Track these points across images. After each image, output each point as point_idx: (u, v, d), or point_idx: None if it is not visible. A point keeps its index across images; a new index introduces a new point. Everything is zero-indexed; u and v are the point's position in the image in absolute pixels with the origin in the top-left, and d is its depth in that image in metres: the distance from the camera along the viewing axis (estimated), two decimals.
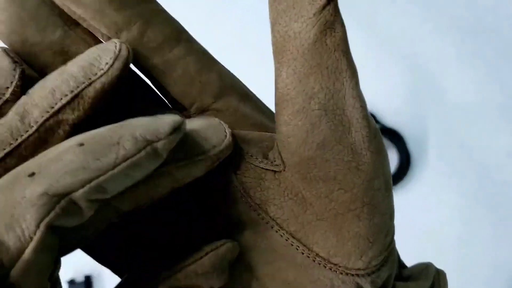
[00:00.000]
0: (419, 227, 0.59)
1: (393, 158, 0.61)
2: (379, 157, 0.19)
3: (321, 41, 0.18)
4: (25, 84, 0.19)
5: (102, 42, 0.21)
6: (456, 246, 0.60)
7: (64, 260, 0.18)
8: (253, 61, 0.62)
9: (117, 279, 0.21)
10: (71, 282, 0.58)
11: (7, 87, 0.18)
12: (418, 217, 0.59)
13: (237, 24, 0.62)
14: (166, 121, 0.16)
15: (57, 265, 0.17)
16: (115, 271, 0.21)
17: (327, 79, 0.18)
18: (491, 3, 0.62)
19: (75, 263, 0.59)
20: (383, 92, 0.61)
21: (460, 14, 0.62)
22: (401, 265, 0.23)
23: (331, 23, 0.18)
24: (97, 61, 0.18)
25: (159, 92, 0.22)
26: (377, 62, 0.61)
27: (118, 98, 0.20)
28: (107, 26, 0.20)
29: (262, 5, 0.71)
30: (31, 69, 0.21)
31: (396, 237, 0.23)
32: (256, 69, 0.63)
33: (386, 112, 0.61)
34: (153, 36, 0.20)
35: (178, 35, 0.21)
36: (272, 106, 0.23)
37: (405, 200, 0.60)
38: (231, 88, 0.21)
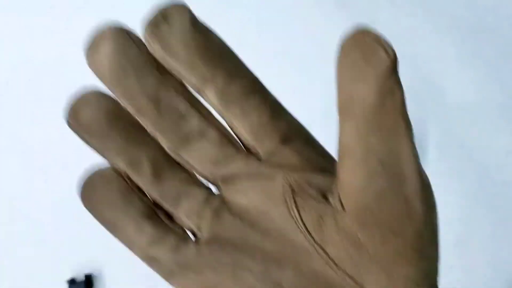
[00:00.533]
0: None
1: None
2: (429, 209, 0.21)
3: (382, 104, 0.20)
4: None
5: (188, 91, 0.24)
6: (455, 246, 0.60)
7: (64, 259, 0.18)
8: (253, 61, 0.62)
9: (118, 278, 0.22)
10: (72, 282, 0.58)
11: None
12: None
13: (236, 25, 0.62)
14: None
15: None
16: None
17: (386, 137, 0.21)
18: (491, 3, 0.62)
19: (75, 262, 0.59)
20: None
21: (460, 14, 0.62)
22: None
23: (391, 88, 0.20)
24: None
25: (235, 134, 0.24)
26: None
27: None
28: (196, 77, 0.23)
29: (262, 6, 0.71)
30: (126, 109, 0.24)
31: None
32: (255, 70, 0.63)
33: None
34: (234, 87, 0.23)
35: (255, 86, 0.24)
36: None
37: None
38: (297, 133, 0.24)
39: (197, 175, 0.25)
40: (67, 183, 0.41)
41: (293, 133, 0.24)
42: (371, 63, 0.20)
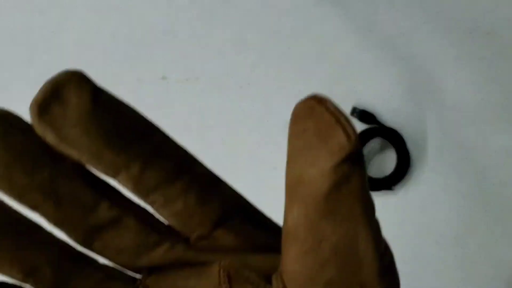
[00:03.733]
0: (418, 226, 0.59)
1: (392, 158, 0.61)
2: None
3: (336, 190, 0.17)
4: None
5: (93, 176, 0.21)
6: (454, 246, 0.60)
7: None
8: (252, 61, 0.63)
9: None
10: None
11: None
12: (417, 216, 0.59)
13: (236, 24, 0.62)
14: None
15: None
16: None
17: (339, 224, 0.18)
18: (491, 4, 0.62)
19: None
20: (382, 92, 0.62)
21: (459, 15, 0.63)
22: None
23: (348, 174, 0.17)
24: None
25: (161, 219, 0.21)
26: (376, 62, 0.61)
27: None
28: (105, 167, 0.19)
29: (261, 7, 0.71)
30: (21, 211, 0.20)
31: (395, 237, 0.23)
32: (255, 69, 0.63)
33: (385, 112, 0.61)
34: (152, 174, 0.20)
35: (180, 167, 0.20)
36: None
37: (404, 200, 0.60)
38: (234, 211, 0.21)
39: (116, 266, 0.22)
40: None
41: (228, 212, 0.21)
42: (326, 146, 0.17)
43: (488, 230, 0.60)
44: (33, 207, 0.20)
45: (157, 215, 0.21)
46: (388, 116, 0.61)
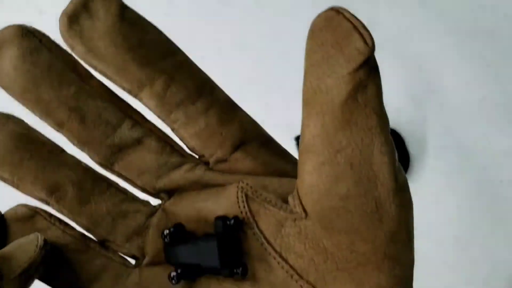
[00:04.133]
0: (418, 226, 0.59)
1: None
2: (404, 210, 0.19)
3: (352, 98, 0.18)
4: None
5: (117, 96, 0.21)
6: (455, 246, 0.60)
7: None
8: (252, 61, 0.62)
9: None
10: None
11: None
12: (417, 216, 0.59)
13: (236, 24, 0.62)
14: None
15: None
16: None
17: (356, 135, 0.18)
18: (491, 4, 0.62)
19: None
20: (383, 92, 0.62)
21: (460, 14, 0.63)
22: None
23: (365, 81, 0.18)
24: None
25: (181, 140, 0.21)
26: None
27: None
28: (129, 81, 0.20)
29: (261, 7, 0.71)
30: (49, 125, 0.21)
31: None
32: (255, 69, 0.63)
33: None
34: (176, 91, 0.20)
35: (202, 87, 0.21)
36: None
37: None
38: (251, 136, 0.21)
39: (135, 190, 0.22)
40: None
41: (247, 136, 0.21)
42: (344, 52, 0.17)
43: (488, 230, 0.60)
44: (58, 124, 0.20)
45: (177, 140, 0.22)
46: (389, 116, 0.61)
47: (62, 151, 0.21)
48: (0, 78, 0.20)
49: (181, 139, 0.21)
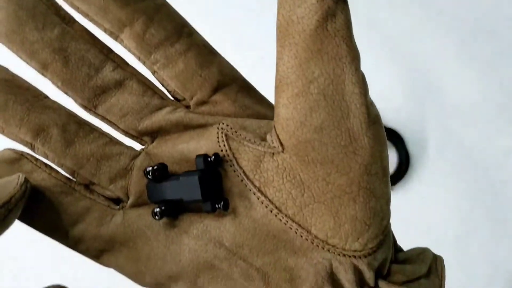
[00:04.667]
0: (418, 226, 0.59)
1: (392, 158, 0.61)
2: (377, 143, 0.20)
3: (322, 27, 0.18)
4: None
5: (99, 40, 0.22)
6: (455, 246, 0.60)
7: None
8: (252, 61, 0.62)
9: None
10: None
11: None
12: (417, 216, 0.59)
13: (236, 24, 0.62)
14: None
15: None
16: None
17: (327, 64, 0.19)
18: (491, 4, 0.62)
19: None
20: (383, 92, 0.61)
21: (460, 14, 0.62)
22: (397, 249, 0.23)
23: (333, 10, 0.18)
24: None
25: (161, 84, 0.22)
26: (377, 62, 0.61)
27: None
28: (110, 22, 0.21)
29: (261, 7, 0.71)
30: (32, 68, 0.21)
31: (395, 237, 0.23)
32: (255, 69, 0.63)
33: (386, 112, 0.61)
34: (155, 32, 0.21)
35: (180, 29, 0.21)
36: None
37: (404, 200, 0.60)
38: (230, 80, 0.22)
39: (119, 134, 0.22)
40: None
41: (226, 79, 0.22)
42: None
43: (488, 230, 0.60)
44: (43, 66, 0.21)
45: (159, 86, 0.22)
46: (388, 116, 0.61)
47: (46, 96, 0.22)
48: None
49: (161, 83, 0.22)
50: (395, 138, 0.60)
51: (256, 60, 0.62)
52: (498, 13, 0.63)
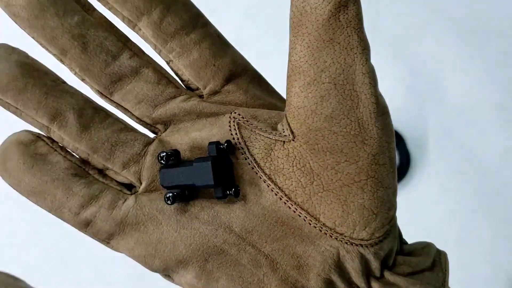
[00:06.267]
0: (418, 226, 0.59)
1: None
2: (385, 134, 0.20)
3: (334, 17, 0.19)
4: None
5: (117, 28, 0.22)
6: (455, 246, 0.60)
7: None
8: (252, 61, 0.62)
9: None
10: None
11: None
12: (418, 216, 0.59)
13: (236, 24, 0.62)
14: None
15: None
16: None
17: (338, 54, 0.19)
18: (491, 4, 0.62)
19: None
20: (383, 92, 0.61)
21: (461, 14, 0.62)
22: (402, 241, 0.23)
23: (345, 1, 0.19)
24: None
25: (175, 73, 0.23)
26: (377, 62, 0.61)
27: None
28: (129, 10, 0.21)
29: (261, 6, 0.71)
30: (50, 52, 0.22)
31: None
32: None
33: None
34: (172, 21, 0.22)
35: (195, 19, 0.22)
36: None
37: (405, 200, 0.60)
38: (243, 70, 0.23)
39: (133, 122, 0.23)
40: None
41: (238, 70, 0.23)
42: None
43: (488, 230, 0.60)
44: (62, 52, 0.21)
45: (173, 76, 0.23)
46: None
47: (64, 82, 0.22)
48: (10, 7, 0.21)
49: (176, 72, 0.23)
50: (396, 138, 0.60)
51: (256, 60, 0.62)
52: (499, 14, 0.63)
